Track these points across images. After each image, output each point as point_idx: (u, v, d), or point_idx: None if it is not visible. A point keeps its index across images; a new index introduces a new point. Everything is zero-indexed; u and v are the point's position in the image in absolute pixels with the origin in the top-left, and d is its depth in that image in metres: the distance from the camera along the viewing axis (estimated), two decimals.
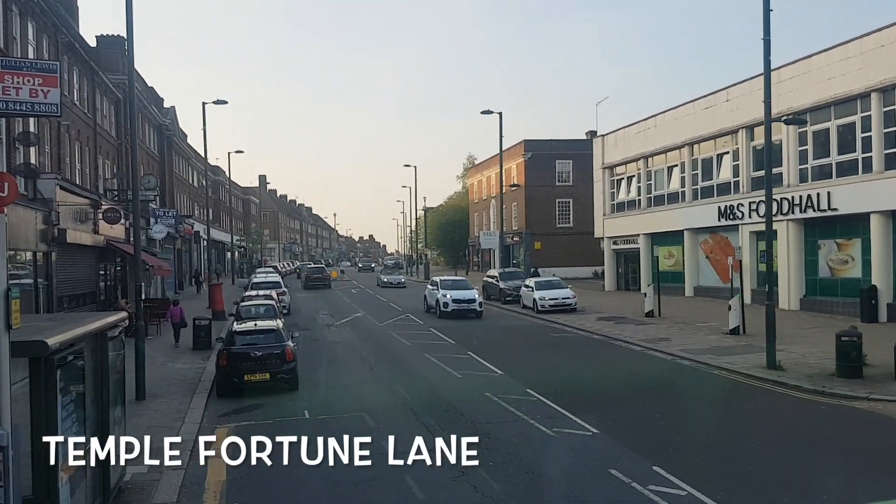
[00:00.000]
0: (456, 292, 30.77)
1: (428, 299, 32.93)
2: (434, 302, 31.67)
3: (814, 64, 27.28)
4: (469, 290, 31.32)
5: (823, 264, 27.90)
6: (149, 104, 42.12)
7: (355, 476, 10.31)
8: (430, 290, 32.81)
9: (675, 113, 37.54)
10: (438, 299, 30.98)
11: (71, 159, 26.22)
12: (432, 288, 32.65)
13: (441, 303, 30.68)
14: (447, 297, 30.48)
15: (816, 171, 27.60)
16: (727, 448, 11.60)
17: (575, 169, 58.30)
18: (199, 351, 22.04)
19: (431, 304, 32.20)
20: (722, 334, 23.07)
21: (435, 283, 33.08)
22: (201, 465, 11.14)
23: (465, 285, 32.40)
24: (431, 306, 32.19)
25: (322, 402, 15.26)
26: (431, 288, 32.88)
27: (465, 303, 30.28)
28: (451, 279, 34.46)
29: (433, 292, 32.12)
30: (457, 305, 30.19)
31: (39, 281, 20.49)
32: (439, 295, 31.01)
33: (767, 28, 17.73)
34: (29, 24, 21.37)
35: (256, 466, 10.88)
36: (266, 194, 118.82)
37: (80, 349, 7.80)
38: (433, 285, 32.88)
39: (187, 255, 54.76)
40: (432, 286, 32.85)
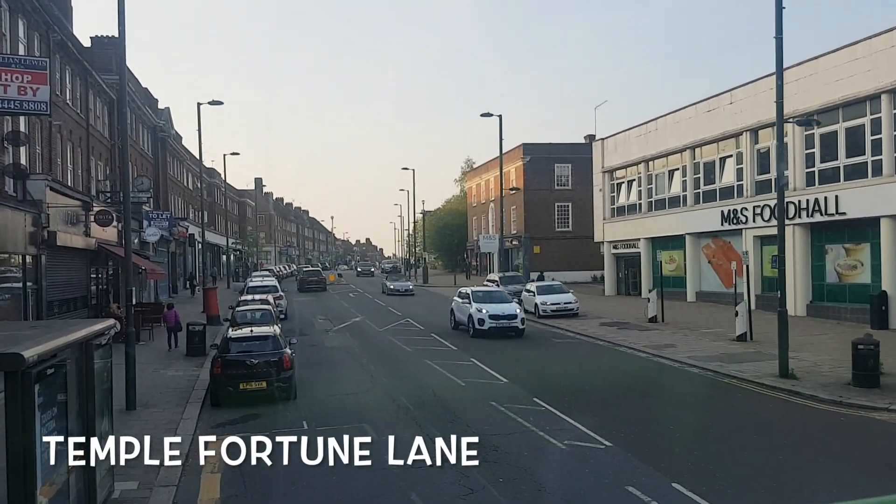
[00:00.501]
0: (493, 306, 25.99)
1: (456, 314, 28.11)
2: (465, 318, 26.73)
3: (821, 65, 26.81)
4: (508, 304, 26.63)
5: (831, 269, 27.40)
6: (143, 105, 41.51)
7: (358, 492, 9.79)
8: (460, 303, 27.84)
9: (677, 116, 37.08)
10: (472, 315, 26.02)
11: (62, 160, 25.60)
12: (462, 301, 27.59)
13: (475, 319, 25.70)
14: (483, 311, 25.61)
15: (824, 174, 27.12)
16: (749, 463, 11.04)
17: (574, 173, 57.92)
18: (193, 357, 21.42)
19: (461, 320, 27.36)
20: (729, 341, 22.56)
21: (465, 295, 27.83)
22: (194, 481, 10.62)
23: (502, 298, 27.52)
24: (461, 322, 27.38)
25: (321, 412, 14.68)
26: (461, 301, 27.78)
27: (504, 319, 25.41)
28: (484, 290, 29.25)
29: (463, 306, 27.16)
30: (495, 322, 25.31)
31: (28, 285, 19.86)
32: (472, 310, 26.10)
33: (780, 26, 17.27)
34: (19, 20, 20.77)
35: (252, 482, 10.40)
36: (262, 197, 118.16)
37: (62, 360, 7.22)
38: (463, 298, 27.76)
39: (181, 259, 54.10)
40: (462, 299, 27.77)
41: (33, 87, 15.74)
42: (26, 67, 15.85)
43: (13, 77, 15.47)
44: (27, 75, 15.65)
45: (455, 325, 27.91)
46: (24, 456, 6.21)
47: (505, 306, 26.12)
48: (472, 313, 26.03)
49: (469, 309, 26.36)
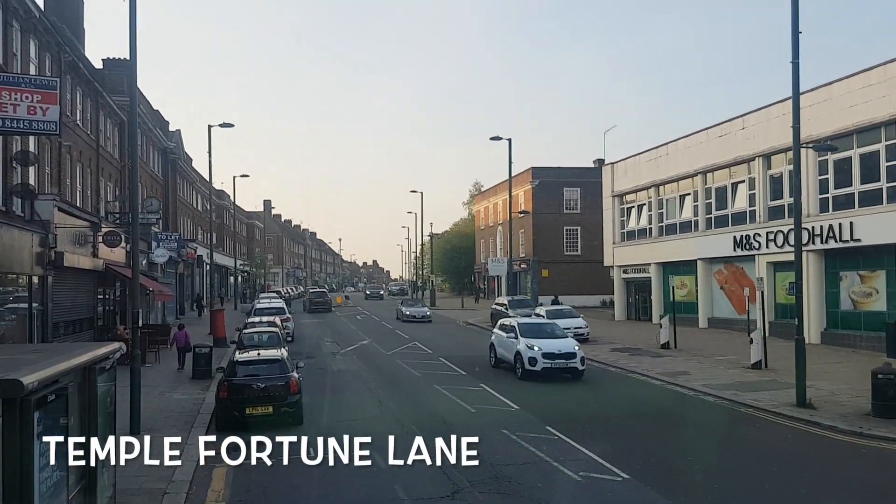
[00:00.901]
0: (546, 342, 21.86)
1: (497, 349, 23.94)
2: (510, 355, 22.70)
3: (834, 91, 26.61)
4: (563, 339, 22.51)
5: (845, 297, 27.00)
6: (154, 126, 41.62)
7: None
8: (504, 337, 23.52)
9: (688, 141, 36.90)
10: (520, 352, 21.86)
11: (72, 181, 25.55)
12: (507, 335, 23.29)
13: (525, 358, 21.52)
14: (535, 349, 21.50)
15: (838, 200, 26.81)
16: (771, 498, 10.67)
17: (583, 197, 57.78)
18: (199, 380, 21.14)
19: (504, 358, 23.33)
20: (744, 368, 22.16)
21: (509, 327, 23.58)
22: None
23: (555, 331, 23.24)
24: (504, 360, 23.35)
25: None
26: (505, 335, 23.51)
27: (561, 358, 21.32)
28: (531, 322, 24.94)
29: (508, 341, 22.97)
30: (549, 362, 21.22)
31: (34, 306, 19.67)
32: (521, 346, 21.96)
33: (796, 51, 17.13)
34: (31, 41, 20.79)
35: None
36: (270, 219, 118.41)
37: (63, 386, 6.97)
38: (507, 331, 23.50)
39: (189, 280, 53.98)
40: (506, 332, 23.54)
41: (43, 107, 15.64)
42: (36, 87, 15.76)
43: (23, 96, 15.37)
44: (37, 95, 15.56)
45: (496, 363, 23.97)
46: (21, 486, 5.94)
47: (560, 342, 22.13)
48: (520, 350, 21.86)
49: (516, 345, 22.26)
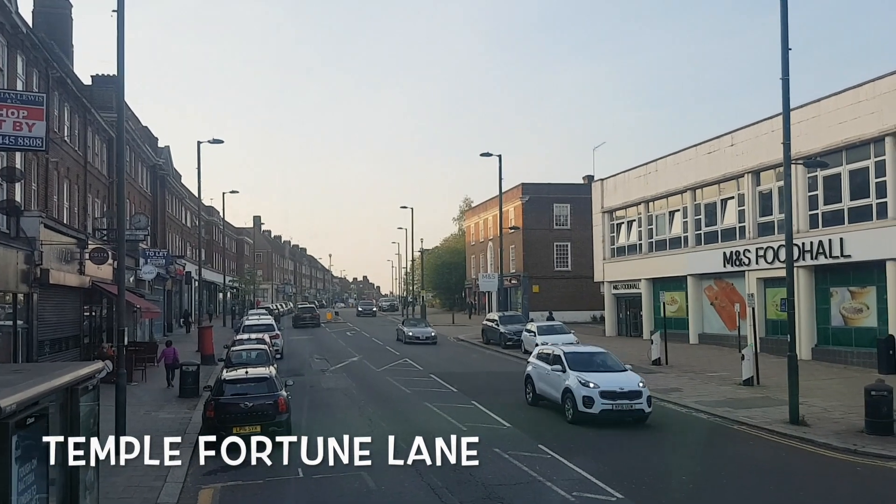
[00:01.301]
0: (602, 377, 17.46)
1: (537, 384, 19.56)
2: (556, 392, 18.26)
3: (823, 108, 26.75)
4: (622, 373, 18.12)
5: (836, 313, 27.00)
6: (142, 143, 41.40)
7: None
8: (547, 370, 19.03)
9: (677, 158, 37.01)
10: (570, 389, 17.41)
11: (59, 197, 25.29)
12: (551, 368, 18.75)
13: (579, 397, 17.10)
14: (590, 385, 17.12)
15: (828, 216, 26.88)
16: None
17: (573, 213, 57.86)
18: (186, 399, 20.86)
19: (546, 394, 18.99)
20: (736, 385, 22.07)
21: (552, 357, 19.08)
22: None
23: (608, 362, 18.80)
24: (545, 396, 19.05)
25: (311, 463, 14.07)
26: (548, 367, 19.03)
27: (624, 398, 16.92)
28: (579, 350, 20.10)
29: (553, 375, 18.53)
30: (610, 403, 16.81)
31: (19, 324, 19.36)
32: (571, 382, 17.52)
33: (786, 67, 17.22)
34: (18, 56, 20.61)
35: None
36: (260, 235, 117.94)
37: (44, 408, 6.78)
38: (549, 361, 19.16)
39: (177, 297, 53.57)
40: (550, 364, 19.00)
41: (29, 123, 15.47)
42: (23, 103, 15.60)
43: (9, 112, 15.21)
44: (23, 111, 15.39)
45: (534, 399, 19.69)
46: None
47: (620, 378, 17.63)
48: (570, 387, 17.42)
49: (563, 380, 17.90)
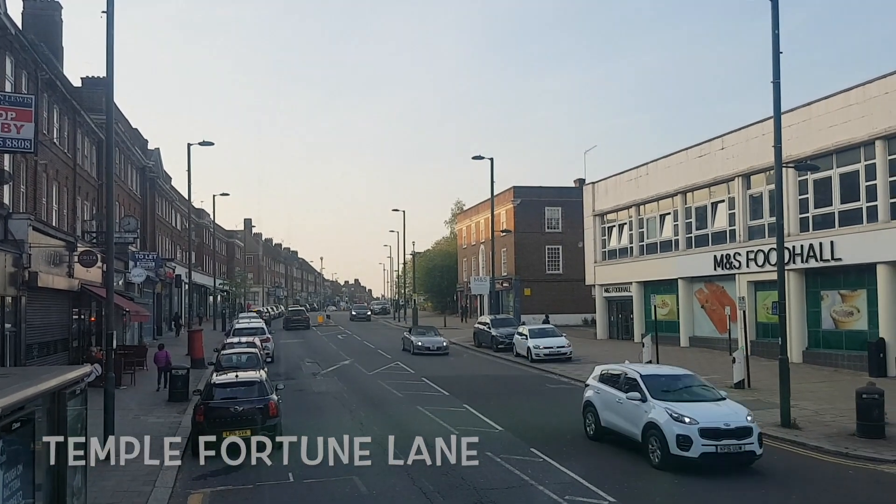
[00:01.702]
0: (698, 409, 13.55)
1: (602, 413, 15.45)
2: (634, 426, 14.21)
3: (813, 112, 26.85)
4: (722, 404, 14.15)
5: (827, 316, 27.08)
6: (132, 145, 41.20)
7: None
8: (616, 397, 15.01)
9: (668, 161, 37.09)
10: (659, 425, 13.35)
11: (48, 199, 25.13)
12: (626, 394, 14.63)
13: (672, 437, 13.06)
14: (686, 421, 13.08)
15: (818, 220, 26.97)
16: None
17: (564, 216, 57.97)
18: (176, 403, 20.72)
19: (617, 427, 14.95)
20: (727, 388, 21.93)
21: (627, 381, 14.95)
22: None
23: (701, 389, 14.84)
24: (613, 429, 15.07)
25: (308, 463, 13.98)
26: (620, 395, 14.89)
27: (730, 436, 12.98)
28: (660, 372, 15.92)
29: (629, 405, 14.47)
30: (713, 444, 12.88)
31: (7, 327, 19.21)
32: (657, 415, 13.55)
33: (777, 71, 17.30)
34: (7, 58, 20.48)
35: None
36: (251, 237, 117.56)
37: (30, 413, 6.68)
38: (619, 386, 15.13)
39: (167, 300, 53.30)
40: (618, 388, 15.11)
41: (18, 125, 15.35)
42: (11, 104, 15.47)
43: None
44: (12, 112, 15.27)
45: (597, 433, 15.46)
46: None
47: (721, 409, 13.73)
48: (656, 422, 13.26)
49: (644, 412, 13.82)
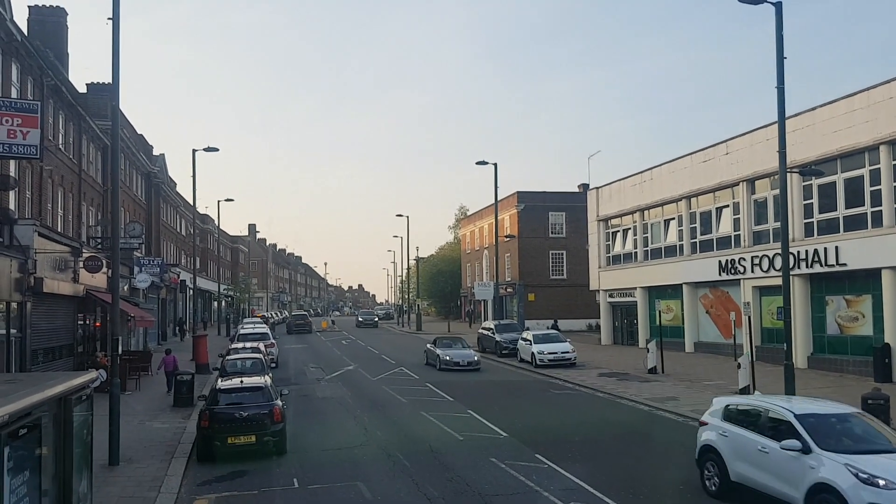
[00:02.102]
0: (880, 462, 9.70)
1: (730, 462, 11.69)
2: (798, 489, 10.18)
3: (818, 116, 26.80)
4: None
5: (832, 321, 26.99)
6: (137, 151, 41.30)
7: None
8: (754, 443, 11.30)
9: (672, 166, 37.04)
10: (839, 490, 9.46)
11: (53, 205, 25.20)
12: (780, 445, 10.55)
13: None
14: (880, 484, 9.21)
15: (823, 225, 26.90)
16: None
17: (568, 221, 57.93)
18: (181, 408, 20.74)
19: (761, 485, 11.07)
20: (732, 394, 21.97)
21: (770, 423, 11.27)
22: None
23: (877, 436, 10.72)
24: (754, 486, 11.22)
25: (313, 469, 14.03)
26: (764, 441, 11.10)
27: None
28: (820, 411, 11.19)
29: (778, 457, 10.65)
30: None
31: (12, 332, 19.23)
32: (833, 475, 9.66)
33: (781, 76, 17.29)
34: (13, 64, 20.57)
35: None
36: (255, 243, 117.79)
37: (36, 418, 6.69)
38: (761, 427, 11.41)
39: (172, 305, 53.37)
40: (765, 433, 11.22)
41: (23, 131, 15.40)
42: (17, 111, 15.53)
43: (3, 120, 15.13)
44: (17, 118, 15.32)
45: (724, 487, 11.75)
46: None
47: None
48: (832, 483, 9.64)
49: (809, 467, 10.12)
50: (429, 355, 33.30)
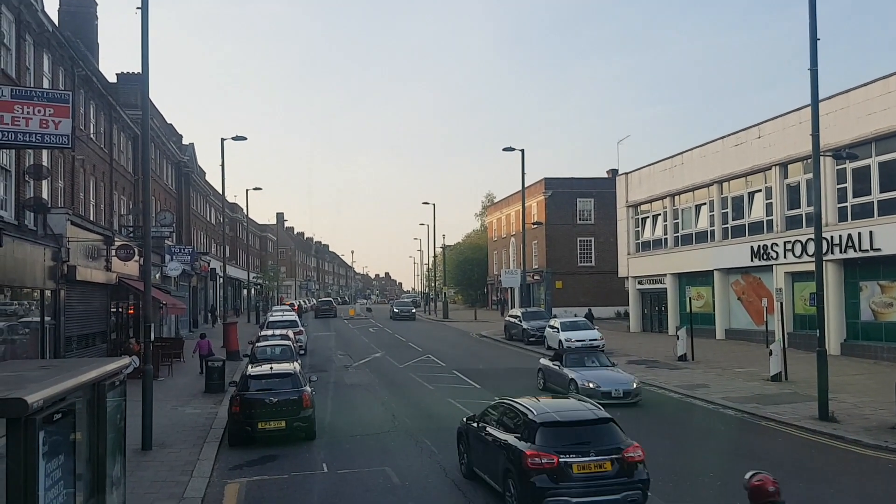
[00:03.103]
0: None
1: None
2: None
3: (852, 99, 26.27)
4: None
5: (865, 307, 26.54)
6: (167, 140, 41.71)
7: None
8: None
9: (703, 150, 36.57)
10: None
11: (85, 194, 25.55)
12: None
13: None
14: None
15: (857, 209, 26.42)
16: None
17: (596, 207, 57.44)
18: (212, 394, 21.01)
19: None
20: (763, 381, 21.77)
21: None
22: None
23: None
24: None
25: (341, 454, 14.14)
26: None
27: None
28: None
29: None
30: None
31: (47, 320, 19.57)
32: None
33: (814, 58, 16.94)
34: (44, 55, 20.81)
35: None
36: (283, 231, 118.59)
37: (70, 404, 6.79)
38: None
39: (203, 293, 53.99)
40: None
41: (55, 121, 15.55)
42: (49, 101, 15.68)
43: (35, 110, 15.30)
44: (49, 108, 15.47)
45: None
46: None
47: None
48: None
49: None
50: (547, 376, 21.92)
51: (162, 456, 13.94)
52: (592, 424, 10.38)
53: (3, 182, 17.42)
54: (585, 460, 9.72)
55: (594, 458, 9.76)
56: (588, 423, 10.42)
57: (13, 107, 15.25)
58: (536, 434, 10.09)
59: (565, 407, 11.17)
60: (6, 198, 17.41)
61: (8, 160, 17.54)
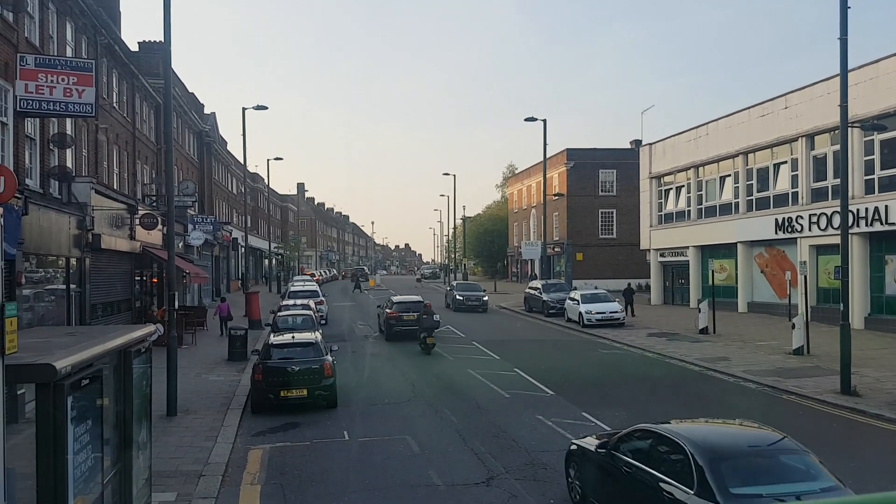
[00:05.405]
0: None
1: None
2: None
3: (881, 69, 25.70)
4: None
5: (891, 281, 26.20)
6: (189, 109, 41.82)
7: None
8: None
9: (729, 121, 36.03)
10: None
11: (108, 163, 25.74)
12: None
13: None
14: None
15: (885, 181, 25.96)
16: None
17: (619, 178, 56.91)
18: (235, 362, 21.27)
19: None
20: (785, 354, 21.63)
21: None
22: (234, 493, 10.30)
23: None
24: None
25: (362, 422, 14.30)
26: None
27: None
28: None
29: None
30: None
31: (72, 288, 19.86)
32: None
33: (844, 27, 16.53)
34: (67, 23, 20.86)
35: (292, 495, 10.03)
36: (304, 202, 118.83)
37: (98, 370, 6.90)
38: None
39: (225, 262, 54.46)
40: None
41: (79, 89, 15.67)
42: (72, 69, 15.78)
43: (59, 79, 15.41)
44: (73, 77, 15.59)
45: None
46: (56, 471, 5.87)
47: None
48: None
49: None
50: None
51: (187, 422, 14.17)
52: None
53: (28, 150, 17.57)
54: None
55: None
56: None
57: (37, 75, 15.37)
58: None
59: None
60: (31, 166, 17.58)
61: (32, 129, 17.69)
